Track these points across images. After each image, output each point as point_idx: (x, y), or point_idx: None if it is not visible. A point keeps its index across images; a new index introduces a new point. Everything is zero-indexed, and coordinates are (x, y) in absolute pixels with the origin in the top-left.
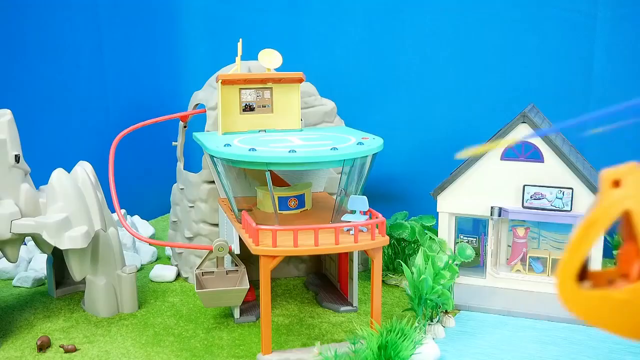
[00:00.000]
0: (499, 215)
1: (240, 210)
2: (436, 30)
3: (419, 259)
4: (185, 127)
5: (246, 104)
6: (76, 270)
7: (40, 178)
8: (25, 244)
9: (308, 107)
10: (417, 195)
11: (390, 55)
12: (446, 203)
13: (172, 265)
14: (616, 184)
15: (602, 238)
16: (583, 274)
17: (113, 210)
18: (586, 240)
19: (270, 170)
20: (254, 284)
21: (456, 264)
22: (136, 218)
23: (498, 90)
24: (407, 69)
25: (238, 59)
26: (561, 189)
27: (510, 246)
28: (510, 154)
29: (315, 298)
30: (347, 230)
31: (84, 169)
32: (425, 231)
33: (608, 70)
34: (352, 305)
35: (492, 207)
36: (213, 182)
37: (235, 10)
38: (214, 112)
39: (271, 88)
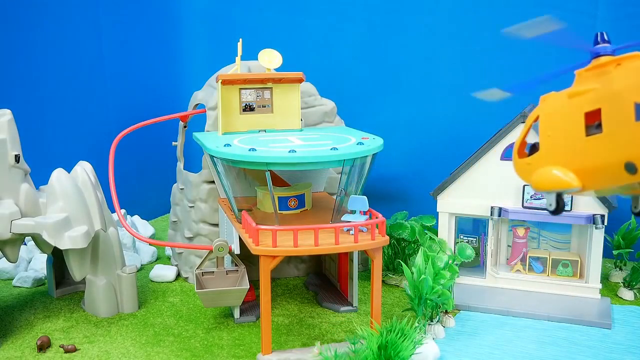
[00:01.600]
0: (499, 215)
1: (240, 210)
2: (436, 30)
3: (419, 259)
4: (185, 127)
5: (246, 104)
6: (76, 270)
7: (40, 178)
8: (25, 244)
9: (308, 107)
10: (417, 195)
11: (390, 55)
12: (446, 203)
13: (172, 265)
14: (543, 100)
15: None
16: (531, 151)
17: (113, 210)
18: (523, 134)
19: (270, 170)
20: (254, 284)
21: (456, 264)
22: (136, 218)
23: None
24: (407, 68)
25: (238, 59)
26: None
27: (510, 246)
28: (510, 154)
29: (315, 298)
30: (347, 230)
31: (84, 169)
32: (425, 231)
33: None
34: (352, 305)
35: (492, 207)
36: (213, 182)
37: (235, 10)
38: (214, 112)
39: (271, 88)
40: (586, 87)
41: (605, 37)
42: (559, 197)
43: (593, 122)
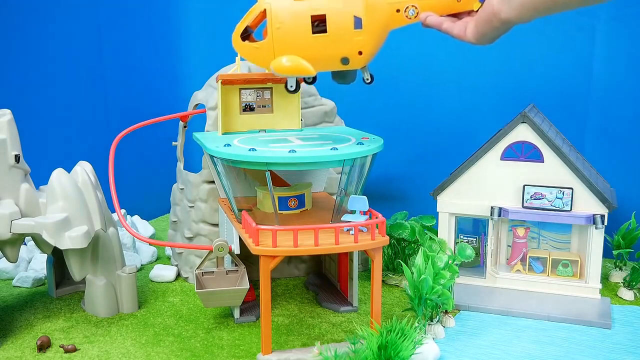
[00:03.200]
0: (499, 215)
1: (240, 210)
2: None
3: (419, 259)
4: (185, 127)
5: (246, 104)
6: (76, 270)
7: (40, 178)
8: (25, 244)
9: (308, 107)
10: (417, 195)
11: (391, 55)
12: (446, 203)
13: (172, 265)
14: None
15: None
16: (247, 35)
17: (113, 210)
18: (244, 21)
19: (270, 170)
20: (254, 284)
21: (456, 264)
22: (136, 218)
23: (498, 90)
24: (407, 68)
25: (238, 59)
26: (561, 189)
27: (510, 246)
28: (510, 154)
29: (315, 298)
30: (347, 230)
31: (84, 169)
32: (425, 231)
33: (608, 70)
34: (352, 305)
35: (492, 207)
36: (213, 182)
37: (235, 10)
38: (214, 112)
39: (271, 88)
40: None
41: None
42: (297, 80)
43: (314, 21)
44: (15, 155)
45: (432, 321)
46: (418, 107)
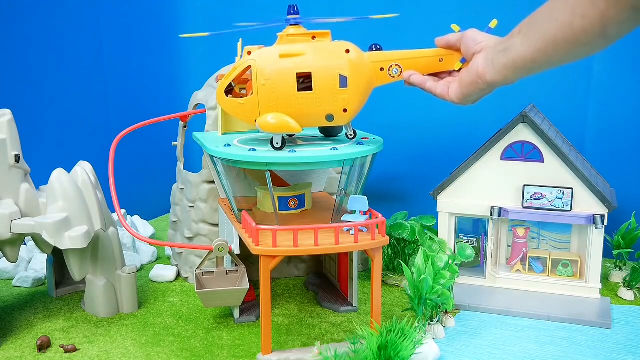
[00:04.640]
0: (499, 215)
1: (240, 210)
2: (436, 29)
3: (419, 259)
4: (185, 127)
5: None
6: (76, 270)
7: (40, 178)
8: (25, 244)
9: None
10: (417, 195)
11: None
12: (446, 203)
13: (172, 265)
14: (249, 53)
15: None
16: (230, 91)
17: (113, 210)
18: (229, 77)
19: (270, 170)
20: (254, 284)
21: (456, 264)
22: (136, 218)
23: (498, 90)
24: None
25: (238, 58)
26: (561, 189)
27: (510, 246)
28: (510, 154)
29: (315, 298)
30: (347, 230)
31: (84, 169)
32: (425, 231)
33: (608, 70)
34: (352, 305)
35: (492, 207)
36: (213, 182)
37: (235, 10)
38: (214, 112)
39: None
40: (295, 51)
41: (296, 9)
42: (282, 137)
43: (300, 78)
44: (15, 155)
45: (432, 321)
46: (418, 107)
